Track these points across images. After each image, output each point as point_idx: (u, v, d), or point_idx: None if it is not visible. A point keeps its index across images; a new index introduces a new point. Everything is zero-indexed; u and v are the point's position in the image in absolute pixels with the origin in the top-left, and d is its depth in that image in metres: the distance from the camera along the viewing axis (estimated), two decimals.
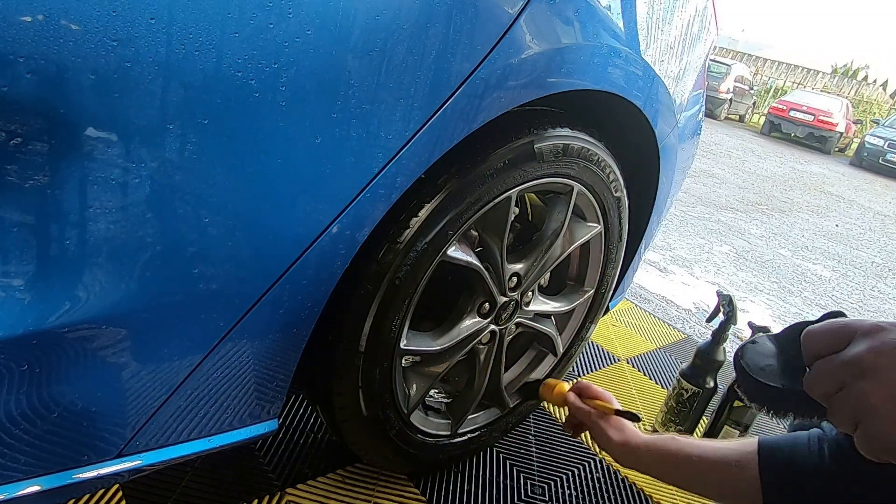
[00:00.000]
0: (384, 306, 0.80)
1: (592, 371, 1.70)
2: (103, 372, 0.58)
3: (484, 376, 1.05)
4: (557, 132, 0.89)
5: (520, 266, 0.99)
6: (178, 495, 0.96)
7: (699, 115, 1.31)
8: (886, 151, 11.15)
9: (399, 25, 0.59)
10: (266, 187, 0.58)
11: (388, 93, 0.61)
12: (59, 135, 0.46)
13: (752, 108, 15.65)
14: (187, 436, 0.70)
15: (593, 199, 1.04)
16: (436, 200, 0.77)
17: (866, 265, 4.21)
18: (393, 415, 0.93)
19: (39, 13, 0.41)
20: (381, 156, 0.64)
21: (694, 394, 1.37)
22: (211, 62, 0.49)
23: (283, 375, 0.76)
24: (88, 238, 0.50)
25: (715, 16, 1.20)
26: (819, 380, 0.48)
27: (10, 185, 0.46)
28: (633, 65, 0.91)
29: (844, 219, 5.79)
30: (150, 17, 0.45)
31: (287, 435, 1.15)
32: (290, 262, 0.64)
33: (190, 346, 0.63)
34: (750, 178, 6.69)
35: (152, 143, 0.49)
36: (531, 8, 0.69)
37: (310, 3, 0.52)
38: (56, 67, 0.43)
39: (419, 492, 1.10)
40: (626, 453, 0.95)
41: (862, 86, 21.43)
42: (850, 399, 0.45)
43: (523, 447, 1.29)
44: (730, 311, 1.36)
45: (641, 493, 1.26)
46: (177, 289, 0.58)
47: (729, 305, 1.36)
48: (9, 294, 0.49)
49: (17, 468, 0.57)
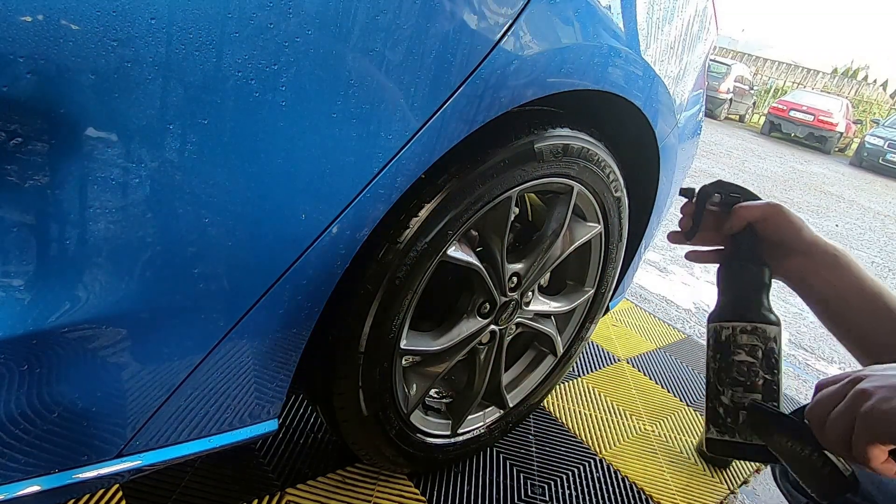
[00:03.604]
0: (384, 306, 0.80)
1: (592, 371, 1.70)
2: (103, 372, 0.58)
3: (484, 376, 1.05)
4: (557, 132, 0.89)
5: (520, 266, 0.99)
6: (178, 495, 0.96)
7: (699, 115, 1.31)
8: (886, 151, 11.16)
9: (399, 25, 0.59)
10: (266, 187, 0.58)
11: (388, 93, 0.61)
12: (59, 135, 0.46)
13: (752, 108, 15.65)
14: (187, 436, 0.70)
15: (593, 199, 1.04)
16: (436, 200, 0.77)
17: (866, 265, 4.21)
18: (393, 415, 0.93)
19: (39, 13, 0.41)
20: (381, 156, 0.64)
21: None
22: (211, 62, 0.49)
23: (283, 375, 0.76)
24: (88, 238, 0.50)
25: (715, 16, 1.20)
26: (820, 399, 0.53)
27: (10, 185, 0.46)
28: (633, 65, 0.91)
29: (844, 219, 5.79)
30: (150, 17, 0.45)
31: (287, 435, 1.15)
32: (290, 262, 0.64)
33: (190, 346, 0.63)
34: (750, 178, 6.69)
35: (152, 143, 0.49)
36: (531, 8, 0.69)
37: (310, 3, 0.52)
38: (56, 67, 0.43)
39: (419, 492, 1.10)
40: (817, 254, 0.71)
41: (862, 86, 21.43)
42: (848, 402, 0.50)
43: (523, 447, 1.29)
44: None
45: (642, 492, 1.26)
46: (177, 289, 0.58)
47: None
48: (9, 294, 0.49)
49: (17, 468, 0.57)
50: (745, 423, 0.63)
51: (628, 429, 1.47)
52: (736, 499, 1.35)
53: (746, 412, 0.62)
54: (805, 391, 2.08)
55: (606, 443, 1.39)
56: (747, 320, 0.65)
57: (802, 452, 0.55)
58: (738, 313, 0.67)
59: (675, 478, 1.34)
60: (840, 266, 0.69)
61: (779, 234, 0.71)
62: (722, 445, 0.65)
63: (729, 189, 0.74)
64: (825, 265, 0.70)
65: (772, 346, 0.64)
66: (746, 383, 0.64)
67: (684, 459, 1.42)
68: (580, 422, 1.44)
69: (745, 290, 0.68)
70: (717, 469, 1.41)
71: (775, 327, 0.65)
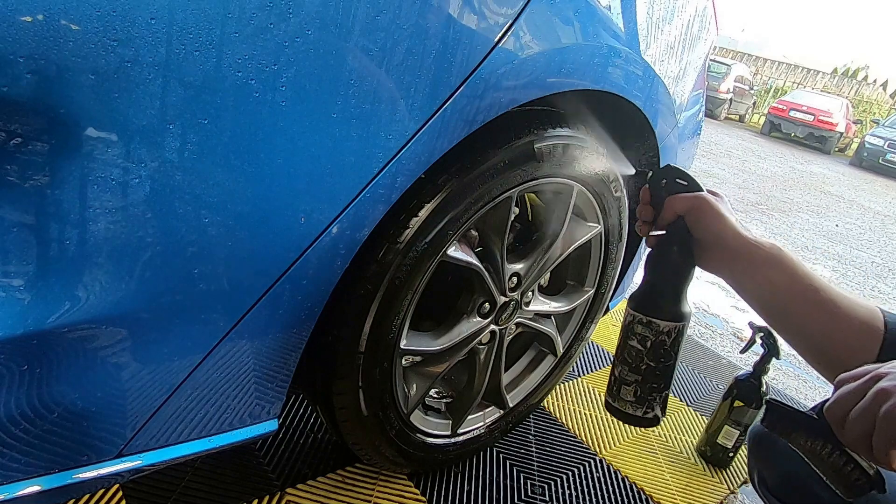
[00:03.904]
0: (384, 306, 0.80)
1: (592, 371, 1.70)
2: (103, 372, 0.58)
3: (484, 376, 1.05)
4: (557, 132, 0.89)
5: (520, 266, 0.99)
6: (178, 495, 0.96)
7: (699, 115, 1.31)
8: (886, 151, 11.16)
9: (399, 26, 0.59)
10: (266, 187, 0.58)
11: (388, 93, 0.61)
12: (59, 135, 0.46)
13: (752, 108, 15.65)
14: (187, 436, 0.70)
15: (593, 199, 1.04)
16: (436, 200, 0.77)
17: (866, 265, 4.21)
18: (393, 415, 0.93)
19: (39, 13, 0.41)
20: (381, 156, 0.64)
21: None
22: (211, 62, 0.49)
23: (283, 375, 0.76)
24: (88, 238, 0.50)
25: (715, 16, 1.20)
26: (840, 397, 0.51)
27: (10, 185, 0.46)
28: (633, 65, 0.91)
29: (844, 219, 5.79)
30: (150, 17, 0.45)
31: (287, 435, 1.15)
32: (290, 262, 0.64)
33: (190, 346, 0.63)
34: (750, 178, 6.69)
35: (152, 143, 0.49)
36: (531, 8, 0.69)
37: (310, 3, 0.52)
38: (56, 67, 0.43)
39: (419, 492, 1.10)
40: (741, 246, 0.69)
41: (862, 86, 21.44)
42: (868, 401, 0.48)
43: (523, 447, 1.29)
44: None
45: (642, 492, 1.26)
46: (177, 289, 0.58)
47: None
48: (9, 294, 0.49)
49: (17, 468, 0.57)
50: (639, 398, 0.72)
51: (628, 429, 1.47)
52: (736, 499, 1.35)
53: (765, 410, 0.61)
54: (805, 391, 2.08)
55: (606, 443, 1.39)
56: (644, 313, 0.70)
57: (823, 451, 0.55)
58: (641, 304, 0.71)
59: (675, 478, 1.34)
60: (767, 263, 0.68)
61: (705, 229, 0.70)
62: (609, 408, 0.76)
63: (676, 175, 0.74)
64: (751, 262, 0.69)
65: (662, 339, 0.69)
66: (633, 365, 0.71)
67: (684, 459, 1.42)
68: (580, 422, 1.44)
69: (658, 281, 0.72)
70: (717, 469, 1.41)
71: (671, 323, 0.69)
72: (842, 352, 0.65)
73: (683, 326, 0.70)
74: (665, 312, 0.70)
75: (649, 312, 0.70)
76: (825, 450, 0.54)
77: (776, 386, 2.01)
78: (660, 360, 0.70)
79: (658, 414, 0.73)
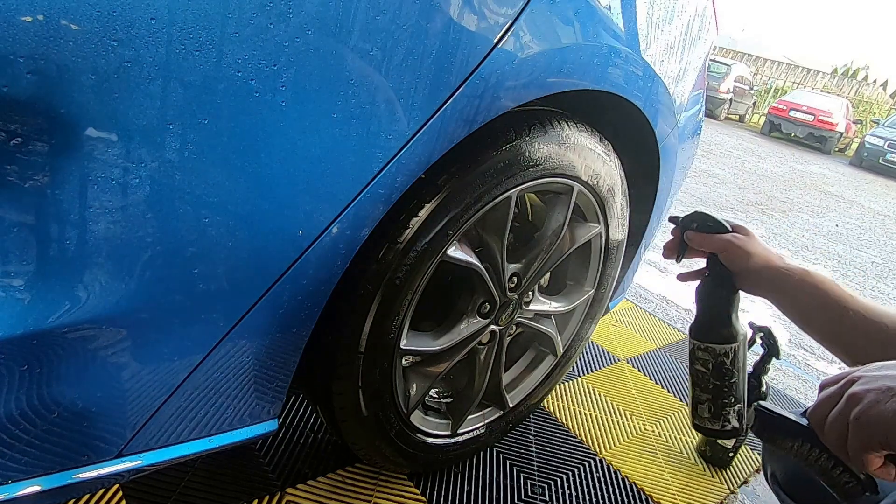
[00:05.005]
0: (384, 306, 0.80)
1: (592, 371, 1.70)
2: (103, 372, 0.58)
3: (484, 376, 1.05)
4: (558, 132, 0.89)
5: (520, 266, 0.99)
6: (178, 495, 0.96)
7: (699, 115, 1.31)
8: (886, 151, 11.15)
9: (399, 26, 0.59)
10: (266, 187, 0.58)
11: (389, 93, 0.61)
12: (59, 135, 0.46)
13: (752, 108, 15.65)
14: (187, 436, 0.70)
15: (593, 199, 1.04)
16: (436, 200, 0.77)
17: (866, 265, 4.21)
18: (393, 415, 0.93)
19: (39, 13, 0.41)
20: (381, 156, 0.64)
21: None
22: (211, 62, 0.49)
23: (283, 375, 0.76)
24: (88, 238, 0.50)
25: (715, 16, 1.20)
26: (819, 402, 0.53)
27: (10, 185, 0.46)
28: (633, 65, 0.91)
29: (844, 219, 5.79)
30: (150, 17, 0.45)
31: (287, 435, 1.15)
32: (290, 262, 0.64)
33: (190, 346, 0.63)
34: (750, 178, 6.69)
35: (152, 143, 0.49)
36: (531, 8, 0.69)
37: (310, 4, 0.52)
38: (56, 67, 0.43)
39: (419, 492, 1.10)
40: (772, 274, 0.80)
41: (862, 86, 21.43)
42: (841, 406, 0.49)
43: (523, 447, 1.29)
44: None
45: (642, 492, 1.26)
46: (177, 289, 0.58)
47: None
48: (9, 294, 0.49)
49: (17, 468, 0.57)
50: (714, 414, 0.79)
51: (628, 429, 1.47)
52: (736, 499, 1.35)
53: (754, 417, 0.64)
54: (805, 391, 2.08)
55: (606, 443, 1.39)
56: (701, 340, 0.80)
57: (811, 455, 0.55)
58: (699, 332, 0.81)
59: (675, 478, 1.34)
60: (798, 288, 0.77)
61: (736, 265, 0.81)
62: (695, 426, 0.83)
63: (704, 220, 0.86)
64: (782, 289, 0.79)
65: (721, 360, 0.78)
66: (702, 386, 0.80)
67: (684, 459, 1.42)
68: (580, 422, 1.44)
69: (708, 310, 0.82)
70: (717, 469, 1.41)
71: (726, 345, 0.78)
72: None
73: (739, 346, 0.79)
74: (719, 336, 0.79)
75: (705, 339, 0.80)
76: (812, 454, 0.56)
77: (776, 386, 2.01)
78: (724, 379, 0.78)
79: (735, 425, 0.79)
